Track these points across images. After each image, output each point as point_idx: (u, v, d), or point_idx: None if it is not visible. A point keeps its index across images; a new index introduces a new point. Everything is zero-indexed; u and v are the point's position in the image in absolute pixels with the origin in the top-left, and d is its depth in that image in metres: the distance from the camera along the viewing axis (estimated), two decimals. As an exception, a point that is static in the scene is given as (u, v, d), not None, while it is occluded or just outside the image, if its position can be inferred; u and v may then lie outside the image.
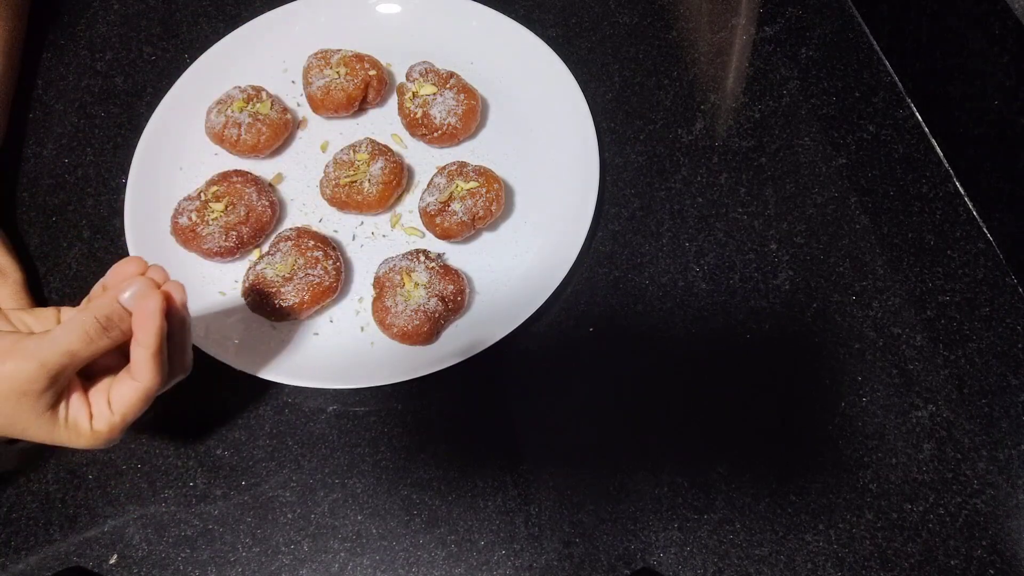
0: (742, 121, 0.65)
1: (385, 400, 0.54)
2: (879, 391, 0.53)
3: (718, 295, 0.57)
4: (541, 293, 0.55)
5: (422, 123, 0.61)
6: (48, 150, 0.65)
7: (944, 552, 0.49)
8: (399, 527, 0.51)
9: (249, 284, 0.55)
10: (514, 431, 0.53)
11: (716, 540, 0.49)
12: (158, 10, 0.72)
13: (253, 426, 0.54)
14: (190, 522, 0.51)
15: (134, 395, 0.42)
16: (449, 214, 0.57)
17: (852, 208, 0.60)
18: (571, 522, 0.50)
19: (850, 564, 0.49)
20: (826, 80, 0.66)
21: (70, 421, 0.41)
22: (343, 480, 0.52)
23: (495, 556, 0.50)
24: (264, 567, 0.50)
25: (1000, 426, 0.52)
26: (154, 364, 0.41)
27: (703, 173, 0.62)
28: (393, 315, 0.53)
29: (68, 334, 0.40)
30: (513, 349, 0.55)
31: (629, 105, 0.66)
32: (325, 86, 0.62)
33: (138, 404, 0.42)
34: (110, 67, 0.69)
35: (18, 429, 0.41)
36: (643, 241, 0.59)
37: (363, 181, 0.58)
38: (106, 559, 0.50)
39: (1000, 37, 0.53)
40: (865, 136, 0.63)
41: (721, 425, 0.53)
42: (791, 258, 0.58)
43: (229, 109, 0.61)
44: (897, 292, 0.57)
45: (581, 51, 0.68)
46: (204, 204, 0.57)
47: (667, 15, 0.70)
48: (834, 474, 0.51)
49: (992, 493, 0.50)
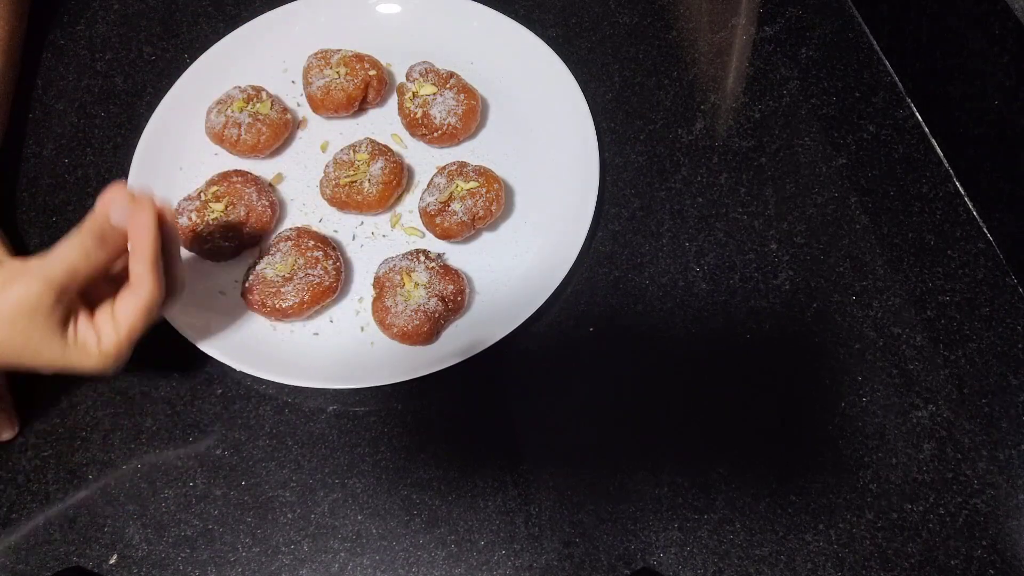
0: (742, 121, 0.65)
1: (385, 400, 0.54)
2: (879, 391, 0.53)
3: (718, 295, 0.57)
4: (541, 293, 0.55)
5: (422, 123, 0.61)
6: (48, 150, 0.65)
7: (944, 552, 0.49)
8: (399, 527, 0.51)
9: (249, 284, 0.55)
10: (514, 431, 0.53)
11: (716, 540, 0.49)
12: (158, 10, 0.72)
13: (253, 426, 0.54)
14: (190, 522, 0.51)
15: (137, 309, 0.44)
16: (449, 214, 0.57)
17: (852, 208, 0.60)
18: (571, 522, 0.50)
19: (850, 564, 0.49)
20: (826, 80, 0.66)
21: (79, 341, 0.44)
22: (343, 480, 0.52)
23: (495, 556, 0.50)
24: (264, 567, 0.50)
25: (1000, 426, 0.52)
26: (153, 274, 0.44)
27: (703, 173, 0.62)
28: (393, 315, 0.53)
29: (67, 251, 0.43)
30: (513, 349, 0.55)
31: (629, 105, 0.66)
32: (325, 86, 0.62)
33: (141, 318, 0.45)
34: (110, 67, 0.69)
35: (31, 351, 0.43)
36: (643, 241, 0.59)
37: (363, 181, 0.58)
38: (106, 559, 0.50)
39: (1000, 37, 0.53)
40: (865, 136, 0.63)
41: (721, 425, 0.53)
42: (791, 258, 0.58)
43: (229, 109, 0.61)
44: (897, 292, 0.57)
45: (581, 51, 0.68)
46: (204, 204, 0.57)
47: (667, 15, 0.70)
48: (834, 474, 0.51)
49: (992, 493, 0.50)
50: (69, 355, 0.44)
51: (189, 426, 0.54)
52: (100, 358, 0.44)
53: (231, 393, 0.55)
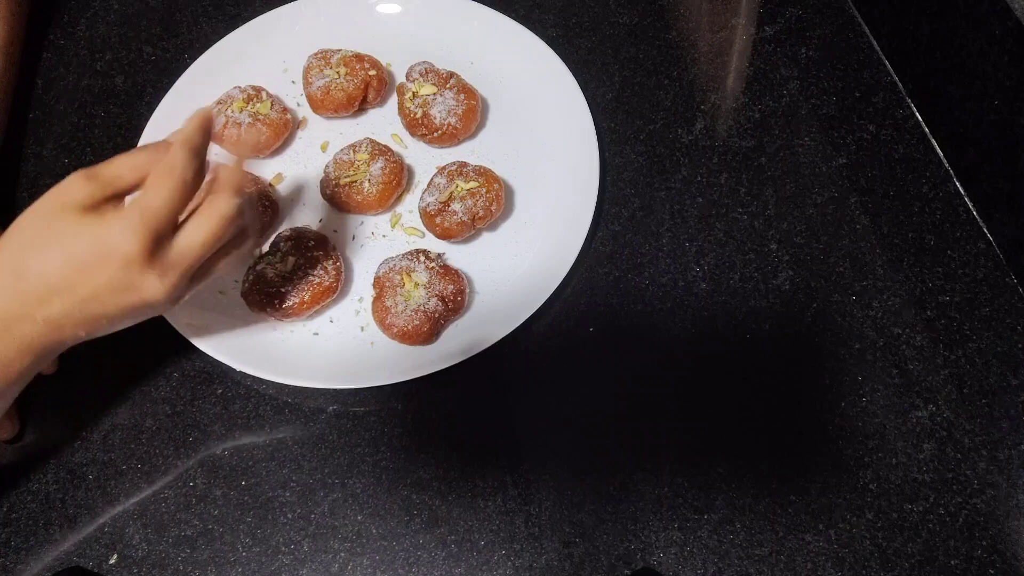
0: (742, 121, 0.65)
1: (385, 400, 0.54)
2: (879, 391, 0.53)
3: (718, 295, 0.57)
4: (541, 293, 0.55)
5: (422, 123, 0.61)
6: (48, 150, 0.65)
7: (944, 552, 0.49)
8: (399, 527, 0.51)
9: (249, 284, 0.55)
10: (514, 431, 0.53)
11: (716, 540, 0.49)
12: (158, 10, 0.72)
13: (253, 426, 0.54)
14: (190, 522, 0.51)
15: (210, 221, 0.43)
16: (449, 214, 0.57)
17: (852, 208, 0.60)
18: (571, 522, 0.50)
19: (850, 564, 0.49)
20: (826, 80, 0.66)
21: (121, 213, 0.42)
22: (343, 480, 0.52)
23: (495, 556, 0.50)
24: (264, 567, 0.50)
25: (1000, 426, 0.52)
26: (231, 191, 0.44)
27: (703, 173, 0.62)
28: (393, 315, 0.53)
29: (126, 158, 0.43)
30: (513, 349, 0.55)
31: (629, 105, 0.66)
32: (325, 86, 0.62)
33: (214, 234, 0.43)
34: (110, 67, 0.69)
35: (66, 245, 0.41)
36: (643, 241, 0.59)
37: (363, 181, 0.58)
38: (106, 559, 0.50)
39: (1000, 37, 0.53)
40: (865, 136, 0.63)
41: (721, 425, 0.53)
42: (791, 258, 0.58)
43: (229, 109, 0.61)
44: (897, 292, 0.57)
45: (581, 51, 0.68)
46: (204, 204, 0.57)
47: (667, 15, 0.70)
48: (834, 474, 0.51)
49: (992, 493, 0.50)
50: (110, 234, 0.41)
51: (189, 426, 0.54)
52: (160, 269, 0.42)
53: (231, 393, 0.55)
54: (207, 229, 0.43)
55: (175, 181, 0.42)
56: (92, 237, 0.41)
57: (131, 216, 0.41)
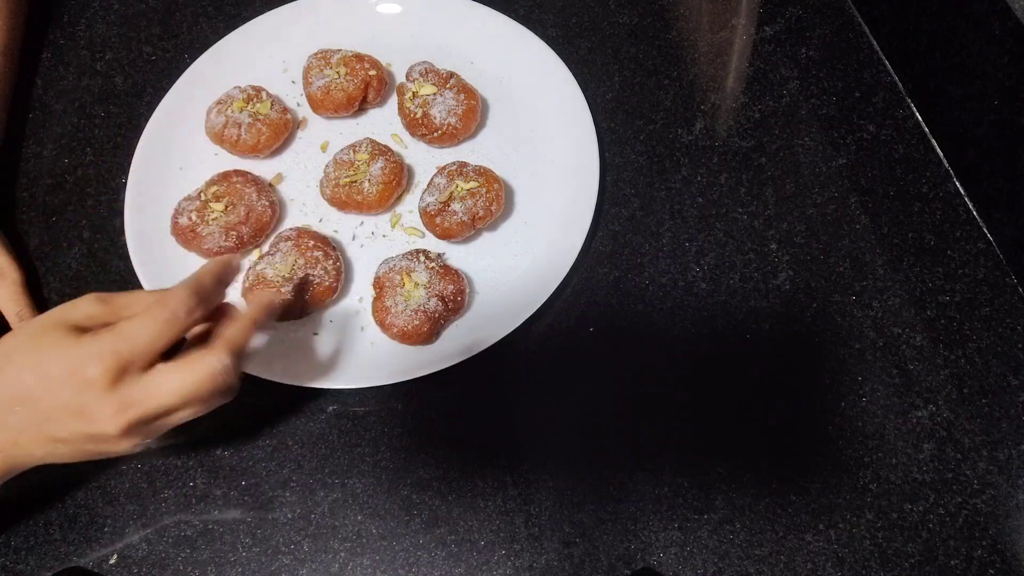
0: (742, 121, 0.65)
1: (385, 400, 0.54)
2: (879, 391, 0.53)
3: (718, 295, 0.57)
4: (541, 293, 0.55)
5: (422, 123, 0.61)
6: (48, 150, 0.65)
7: (944, 552, 0.49)
8: (399, 527, 0.51)
9: (249, 284, 0.55)
10: (514, 431, 0.53)
11: (716, 540, 0.49)
12: (158, 10, 0.72)
13: (253, 426, 0.54)
14: (190, 522, 0.51)
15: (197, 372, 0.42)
16: (449, 214, 0.57)
17: (852, 208, 0.60)
18: (571, 522, 0.50)
19: (850, 564, 0.49)
20: (826, 80, 0.66)
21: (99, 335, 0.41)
22: (343, 480, 0.52)
23: (495, 556, 0.50)
24: (264, 567, 0.50)
25: (1000, 426, 0.52)
26: (232, 346, 0.44)
27: (703, 173, 0.62)
28: (393, 315, 0.53)
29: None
30: (513, 349, 0.55)
31: (629, 105, 0.66)
32: (325, 86, 0.62)
33: (198, 384, 0.42)
34: (110, 67, 0.69)
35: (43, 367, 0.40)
36: (643, 241, 0.59)
37: (363, 181, 0.58)
38: (106, 559, 0.50)
39: (1000, 37, 0.53)
40: (865, 136, 0.63)
41: (721, 425, 0.53)
42: (791, 258, 0.58)
43: (229, 109, 0.61)
44: (897, 292, 0.57)
45: (581, 51, 0.68)
46: (204, 204, 0.57)
47: (667, 15, 0.70)
48: (834, 474, 0.51)
49: (992, 493, 0.50)
50: (80, 354, 0.39)
51: (189, 426, 0.54)
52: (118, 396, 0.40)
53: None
54: (183, 379, 0.41)
55: (163, 316, 0.40)
56: (64, 353, 0.40)
57: (104, 340, 0.40)
